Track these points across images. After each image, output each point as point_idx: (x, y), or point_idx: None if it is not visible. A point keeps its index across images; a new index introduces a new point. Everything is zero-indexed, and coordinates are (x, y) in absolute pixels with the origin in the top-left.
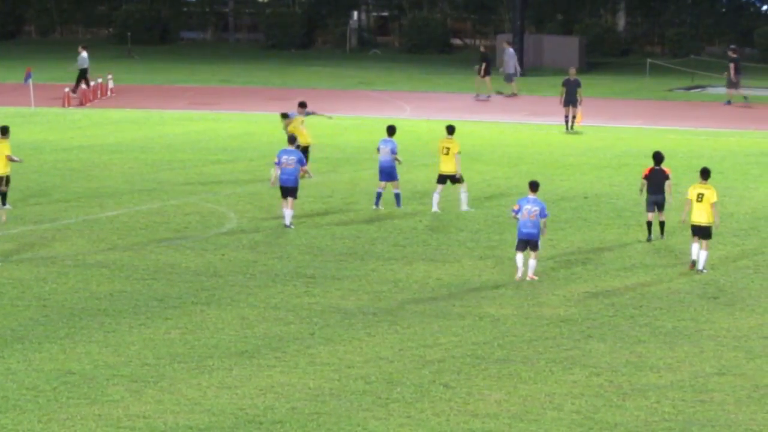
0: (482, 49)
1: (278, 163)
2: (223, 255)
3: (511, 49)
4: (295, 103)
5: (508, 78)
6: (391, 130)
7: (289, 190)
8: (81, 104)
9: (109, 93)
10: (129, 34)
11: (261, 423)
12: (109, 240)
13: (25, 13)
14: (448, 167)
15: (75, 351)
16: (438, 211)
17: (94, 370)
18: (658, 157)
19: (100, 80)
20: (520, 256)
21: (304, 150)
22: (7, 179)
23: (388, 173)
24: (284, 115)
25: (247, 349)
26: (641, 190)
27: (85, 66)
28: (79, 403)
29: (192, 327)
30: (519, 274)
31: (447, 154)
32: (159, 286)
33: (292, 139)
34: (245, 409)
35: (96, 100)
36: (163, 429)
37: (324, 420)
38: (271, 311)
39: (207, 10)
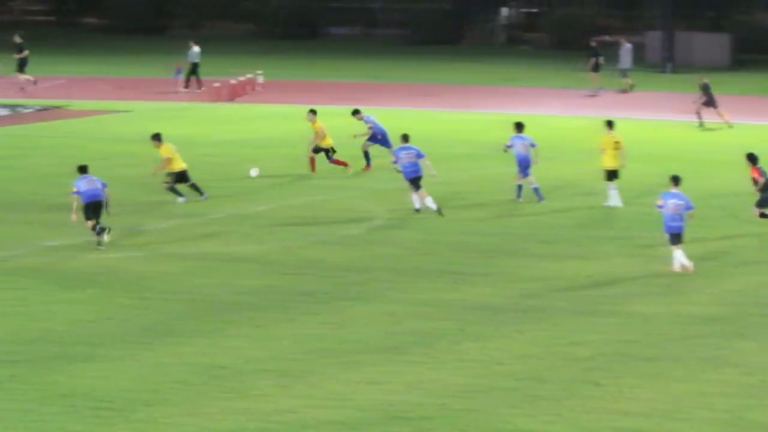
0: (593, 44)
1: (396, 162)
2: (371, 250)
3: (628, 45)
4: (443, 99)
5: (623, 73)
6: (520, 127)
7: (416, 180)
8: (230, 99)
9: (257, 88)
10: (277, 29)
11: (410, 419)
12: (258, 235)
13: (174, 8)
14: (616, 162)
15: (224, 345)
16: (620, 205)
17: (243, 365)
18: None
19: (249, 75)
20: (677, 251)
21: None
22: (180, 174)
23: (525, 167)
24: (356, 112)
25: (395, 344)
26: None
27: (196, 60)
28: (228, 397)
29: (340, 322)
30: (676, 266)
31: (617, 149)
32: (307, 281)
33: (405, 137)
34: (394, 405)
35: (245, 95)
36: (311, 424)
37: (473, 416)
38: (419, 307)
39: (355, 6)
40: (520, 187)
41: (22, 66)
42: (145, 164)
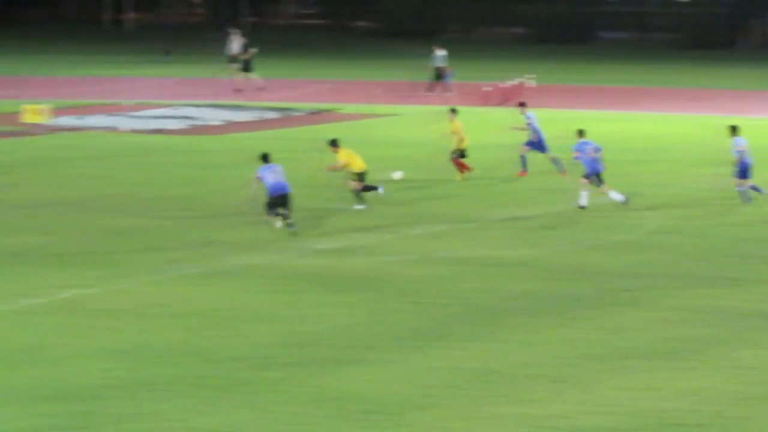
0: None
1: (578, 158)
2: (643, 256)
3: None
4: (716, 104)
5: None
6: (735, 130)
7: (599, 175)
8: (501, 103)
9: (528, 92)
10: (548, 33)
11: (684, 426)
12: (528, 239)
13: (445, 12)
14: None
15: (496, 350)
16: None
17: (514, 369)
18: None
19: (520, 79)
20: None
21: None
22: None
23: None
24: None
25: (668, 350)
26: None
27: (441, 65)
28: (500, 402)
29: (613, 328)
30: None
31: None
32: (579, 286)
33: (581, 132)
34: (667, 412)
35: (515, 99)
36: (584, 429)
37: (749, 425)
38: (693, 314)
39: (628, 10)
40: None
41: (246, 66)
42: (413, 168)
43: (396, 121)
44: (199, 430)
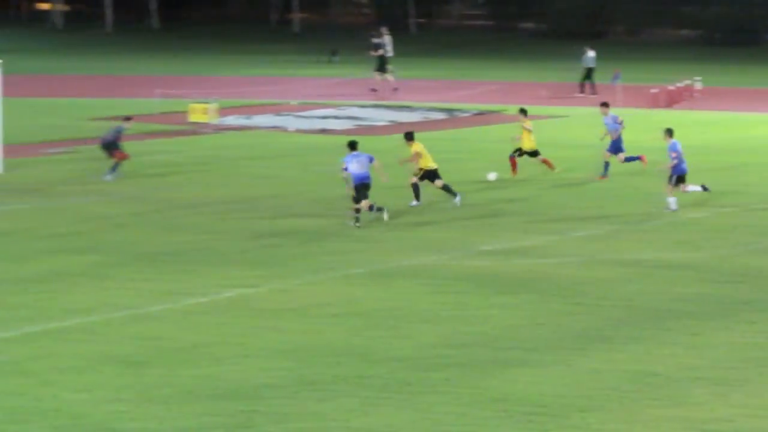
0: None
1: (675, 158)
2: None
3: None
4: None
5: None
6: None
7: (683, 177)
8: (668, 105)
9: (695, 94)
10: (716, 36)
11: None
12: (693, 242)
13: (613, 14)
14: None
15: (658, 352)
16: None
17: (677, 372)
18: None
19: (687, 82)
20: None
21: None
22: (429, 173)
23: None
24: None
25: None
26: None
27: (591, 66)
28: (663, 405)
29: None
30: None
31: None
32: (745, 289)
33: (671, 132)
34: None
35: (682, 102)
36: None
37: None
38: None
39: None
40: None
41: (381, 66)
42: (580, 169)
43: (563, 122)
44: (360, 430)
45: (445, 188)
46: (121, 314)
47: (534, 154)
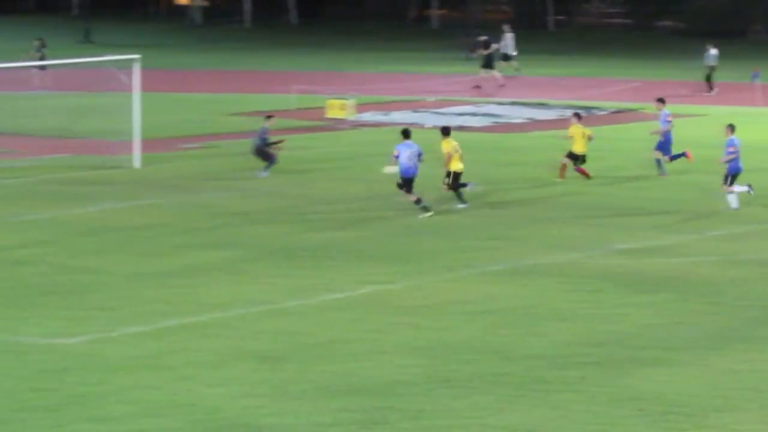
0: None
1: (732, 152)
2: None
3: None
4: None
5: None
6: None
7: (737, 175)
8: None
9: None
10: None
11: None
12: None
13: (754, 11)
14: None
15: None
16: None
17: None
18: None
19: None
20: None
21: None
22: (455, 175)
23: None
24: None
25: None
26: None
27: (713, 64)
28: None
29: None
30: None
31: None
32: None
33: (732, 128)
34: None
35: None
36: None
37: None
38: None
39: None
40: None
41: (488, 63)
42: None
43: (702, 121)
44: (494, 428)
45: (457, 192)
46: (257, 309)
47: (578, 158)
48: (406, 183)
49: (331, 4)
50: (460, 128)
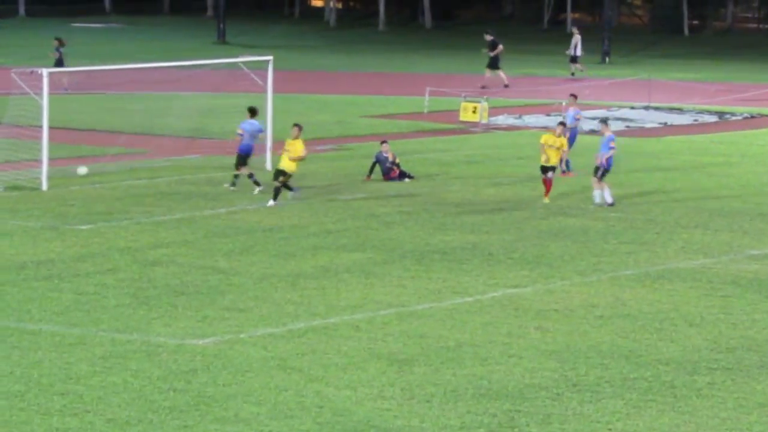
0: None
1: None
2: None
3: None
4: None
5: None
6: None
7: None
8: None
9: None
10: None
11: None
12: None
13: None
14: None
15: None
16: None
17: None
18: None
19: None
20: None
21: None
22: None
23: None
24: None
25: None
26: None
27: None
28: None
29: None
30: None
31: None
32: None
33: (606, 123)
34: None
35: None
36: None
37: None
38: None
39: None
40: None
41: (493, 64)
42: None
43: None
44: None
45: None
46: (386, 312)
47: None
48: (242, 159)
49: (466, 7)
50: (592, 132)
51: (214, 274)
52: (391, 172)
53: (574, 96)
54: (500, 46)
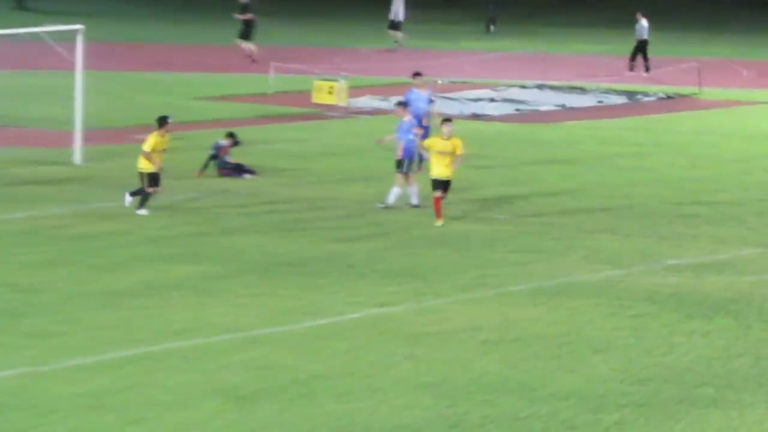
0: None
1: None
2: None
3: None
4: None
5: None
6: None
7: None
8: None
9: None
10: None
11: None
12: None
13: None
14: None
15: None
16: None
17: None
18: None
19: None
20: None
21: None
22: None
23: None
24: None
25: None
26: None
27: (645, 37)
28: None
29: None
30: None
31: None
32: None
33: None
34: None
35: None
36: None
37: None
38: None
39: None
40: None
41: (245, 32)
42: None
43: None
44: None
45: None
46: (224, 337)
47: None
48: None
49: None
50: (475, 116)
51: (11, 292)
52: (227, 166)
53: (418, 74)
54: (249, 15)
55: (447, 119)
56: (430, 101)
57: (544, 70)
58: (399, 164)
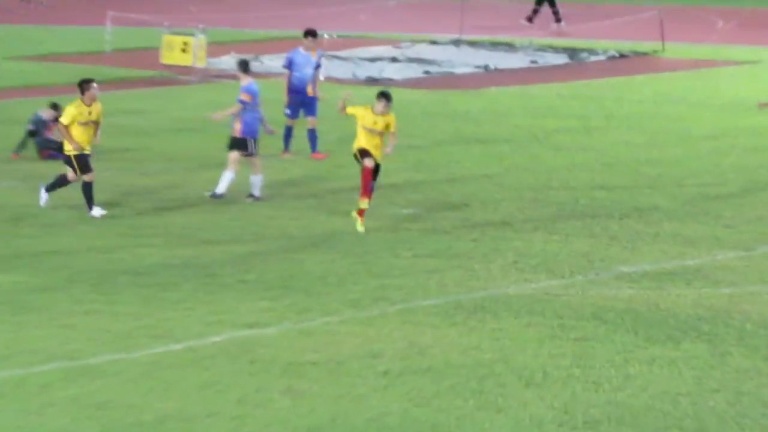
0: None
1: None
2: None
3: None
4: None
5: None
6: None
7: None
8: None
9: None
10: None
11: None
12: None
13: None
14: None
15: None
16: None
17: None
18: None
19: None
20: None
21: None
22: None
23: None
24: None
25: None
26: None
27: None
28: None
29: None
30: None
31: None
32: None
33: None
34: None
35: None
36: None
37: None
38: None
39: None
40: None
41: None
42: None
43: (753, 71)
44: None
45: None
46: (46, 367)
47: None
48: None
49: None
50: (371, 81)
51: None
52: (51, 146)
53: (312, 34)
54: None
55: (385, 94)
56: (317, 66)
57: (461, 20)
58: (238, 144)
